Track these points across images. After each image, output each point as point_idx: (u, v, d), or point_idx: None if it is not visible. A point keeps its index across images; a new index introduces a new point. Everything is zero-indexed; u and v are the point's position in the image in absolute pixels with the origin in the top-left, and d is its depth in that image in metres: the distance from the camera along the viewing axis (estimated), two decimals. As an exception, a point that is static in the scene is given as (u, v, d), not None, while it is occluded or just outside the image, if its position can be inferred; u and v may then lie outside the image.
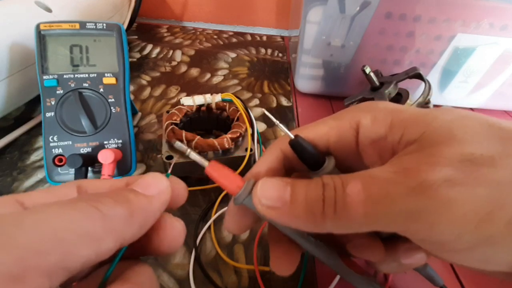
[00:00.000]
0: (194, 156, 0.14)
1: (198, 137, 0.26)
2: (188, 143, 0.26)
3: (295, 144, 0.13)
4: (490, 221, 0.09)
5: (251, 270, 0.22)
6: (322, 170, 0.13)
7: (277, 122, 0.14)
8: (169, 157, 0.26)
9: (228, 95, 0.30)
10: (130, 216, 0.10)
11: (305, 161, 0.14)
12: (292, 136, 0.13)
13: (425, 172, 0.10)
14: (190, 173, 0.28)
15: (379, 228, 0.11)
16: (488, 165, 0.09)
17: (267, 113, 0.15)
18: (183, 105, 0.29)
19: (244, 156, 0.27)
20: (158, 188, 0.12)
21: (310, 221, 0.11)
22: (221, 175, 0.14)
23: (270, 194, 0.12)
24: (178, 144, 0.14)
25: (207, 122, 0.32)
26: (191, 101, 0.29)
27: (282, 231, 0.15)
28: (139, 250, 0.12)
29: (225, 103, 0.30)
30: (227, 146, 0.26)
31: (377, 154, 0.13)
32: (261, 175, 0.14)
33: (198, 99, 0.29)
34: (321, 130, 0.14)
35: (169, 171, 0.14)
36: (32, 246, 0.08)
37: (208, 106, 0.30)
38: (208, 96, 0.29)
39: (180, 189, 0.14)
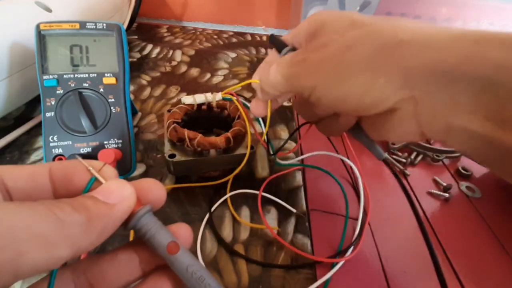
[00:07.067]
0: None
1: (200, 135, 0.26)
2: (191, 141, 0.26)
3: (271, 37, 0.23)
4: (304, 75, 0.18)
5: (251, 270, 0.22)
6: (282, 52, 0.22)
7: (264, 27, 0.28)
8: (172, 156, 0.26)
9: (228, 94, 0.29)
10: (88, 224, 0.10)
11: (275, 46, 0.23)
12: (269, 34, 0.24)
13: (297, 56, 0.18)
14: (191, 172, 0.28)
15: (289, 87, 0.19)
16: (317, 50, 0.17)
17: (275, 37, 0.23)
18: (184, 104, 0.29)
19: (245, 154, 0.27)
20: (120, 196, 0.12)
21: (263, 84, 0.21)
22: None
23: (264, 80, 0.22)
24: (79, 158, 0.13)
25: (208, 120, 0.32)
26: (192, 100, 0.29)
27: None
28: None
29: (225, 102, 0.30)
30: (228, 144, 0.26)
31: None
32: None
33: (199, 98, 0.29)
34: (290, 34, 0.22)
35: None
36: None
37: (209, 104, 0.30)
38: (208, 94, 0.29)
39: (157, 190, 0.14)
